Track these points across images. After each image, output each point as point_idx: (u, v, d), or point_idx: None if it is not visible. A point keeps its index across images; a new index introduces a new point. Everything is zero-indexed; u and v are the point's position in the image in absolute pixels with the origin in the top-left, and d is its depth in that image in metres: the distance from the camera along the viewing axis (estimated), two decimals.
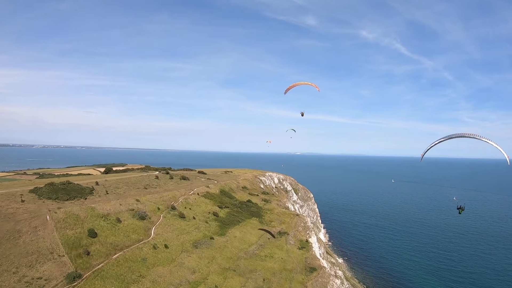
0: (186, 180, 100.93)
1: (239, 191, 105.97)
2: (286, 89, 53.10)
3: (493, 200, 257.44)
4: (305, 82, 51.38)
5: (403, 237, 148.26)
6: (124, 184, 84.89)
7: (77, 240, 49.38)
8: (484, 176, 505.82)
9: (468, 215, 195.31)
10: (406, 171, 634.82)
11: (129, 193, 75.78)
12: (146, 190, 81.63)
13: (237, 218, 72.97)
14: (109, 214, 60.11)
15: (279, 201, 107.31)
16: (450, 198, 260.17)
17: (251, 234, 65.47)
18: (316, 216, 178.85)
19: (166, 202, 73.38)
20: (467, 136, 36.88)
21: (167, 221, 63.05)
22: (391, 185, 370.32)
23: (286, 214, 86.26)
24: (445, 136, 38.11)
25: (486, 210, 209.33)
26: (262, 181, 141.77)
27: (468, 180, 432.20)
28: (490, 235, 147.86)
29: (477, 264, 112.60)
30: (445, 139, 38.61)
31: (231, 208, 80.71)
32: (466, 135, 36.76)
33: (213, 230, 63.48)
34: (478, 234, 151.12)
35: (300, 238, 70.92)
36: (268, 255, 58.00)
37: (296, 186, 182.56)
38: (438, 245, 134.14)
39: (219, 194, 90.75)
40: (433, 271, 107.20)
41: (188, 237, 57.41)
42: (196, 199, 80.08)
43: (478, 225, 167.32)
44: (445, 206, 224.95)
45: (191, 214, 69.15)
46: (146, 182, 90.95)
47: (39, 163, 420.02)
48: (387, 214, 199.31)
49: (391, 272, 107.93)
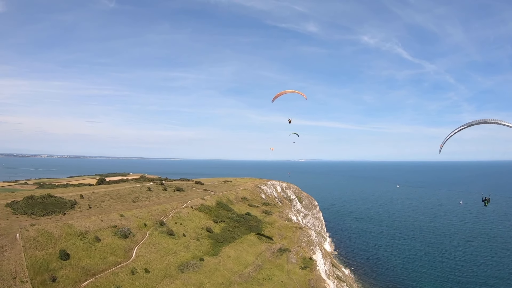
0: (181, 191, 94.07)
1: (238, 202, 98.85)
2: (274, 97, 54.02)
3: (502, 202, 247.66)
4: (292, 90, 52.57)
5: (410, 246, 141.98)
6: (112, 196, 78.26)
7: (45, 263, 42.81)
8: (490, 178, 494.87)
9: (477, 219, 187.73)
10: (411, 176, 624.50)
11: (115, 207, 69.01)
12: (135, 203, 74.84)
13: (233, 234, 65.77)
14: (88, 231, 53.39)
15: (281, 213, 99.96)
16: (456, 203, 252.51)
17: (248, 253, 58.19)
18: (321, 225, 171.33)
19: (155, 217, 66.49)
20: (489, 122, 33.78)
21: (153, 240, 56.09)
22: (396, 190, 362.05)
23: (288, 227, 78.96)
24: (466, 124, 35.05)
25: (496, 214, 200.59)
26: (264, 191, 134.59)
27: (473, 183, 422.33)
28: (502, 240, 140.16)
29: (489, 273, 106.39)
30: (465, 126, 35.41)
31: (228, 222, 73.55)
32: (488, 121, 33.65)
33: (205, 249, 56.32)
34: (488, 239, 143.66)
35: (303, 255, 63.59)
36: (267, 277, 50.69)
37: (300, 194, 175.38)
38: (447, 254, 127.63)
39: (215, 207, 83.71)
40: (444, 279, 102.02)
41: (174, 258, 50.34)
42: (189, 213, 73.10)
43: (488, 230, 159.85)
44: (452, 211, 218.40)
45: (181, 231, 62.13)
46: (136, 194, 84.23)
47: (42, 172, 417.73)
48: (393, 221, 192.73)
49: (401, 282, 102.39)
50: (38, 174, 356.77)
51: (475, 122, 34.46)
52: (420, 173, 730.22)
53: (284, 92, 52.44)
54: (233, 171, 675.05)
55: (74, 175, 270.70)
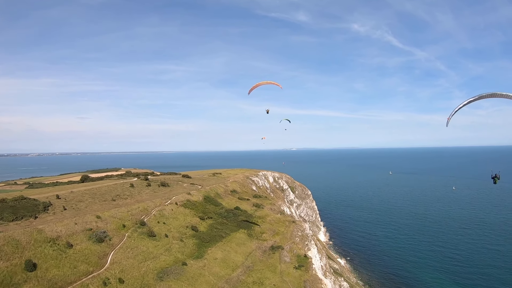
0: (166, 186, 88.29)
1: (227, 196, 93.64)
2: (250, 90, 54.27)
3: (496, 188, 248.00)
4: (268, 82, 52.85)
5: (406, 233, 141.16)
6: (90, 196, 72.21)
7: (8, 275, 37.17)
8: (483, 164, 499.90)
9: (471, 205, 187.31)
10: (403, 162, 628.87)
11: (92, 208, 63.06)
12: (114, 202, 68.91)
13: (221, 232, 60.60)
14: (59, 237, 47.58)
15: (273, 205, 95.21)
16: (449, 189, 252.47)
17: (237, 253, 53.13)
18: (315, 215, 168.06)
19: (135, 216, 60.83)
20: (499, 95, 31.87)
21: (131, 243, 50.59)
22: (389, 177, 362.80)
23: (280, 221, 74.19)
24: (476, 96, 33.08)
25: (490, 200, 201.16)
26: (255, 182, 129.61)
27: (466, 169, 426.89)
28: (497, 226, 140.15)
29: (485, 258, 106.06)
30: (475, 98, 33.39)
31: (215, 218, 68.34)
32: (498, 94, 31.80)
33: (189, 251, 51.04)
34: (483, 225, 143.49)
35: (297, 252, 58.91)
36: (258, 281, 45.82)
37: (293, 184, 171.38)
38: (442, 240, 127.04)
39: (202, 202, 78.33)
40: (440, 268, 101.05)
41: (153, 264, 45.00)
42: (174, 210, 67.61)
43: (482, 216, 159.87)
44: (446, 197, 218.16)
45: (163, 231, 56.70)
46: (117, 192, 78.23)
47: (33, 171, 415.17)
48: (387, 208, 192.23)
49: (396, 272, 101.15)
50: (29, 173, 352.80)
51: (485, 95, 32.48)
52: (413, 159, 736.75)
53: (260, 83, 52.49)
54: (225, 163, 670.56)
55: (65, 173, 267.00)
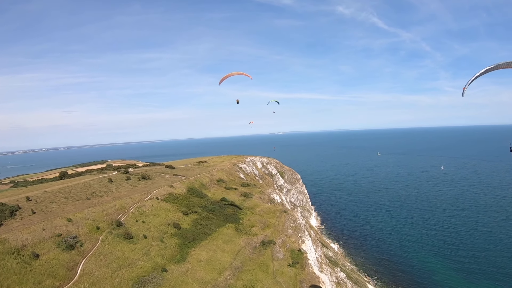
0: (147, 179, 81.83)
1: (213, 186, 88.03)
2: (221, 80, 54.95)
3: (485, 167, 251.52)
4: (238, 72, 53.66)
5: (397, 214, 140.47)
6: (64, 195, 64.87)
7: None
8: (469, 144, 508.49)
9: (460, 185, 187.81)
10: (390, 143, 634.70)
11: (63, 209, 56.28)
12: (89, 201, 62.16)
13: (206, 229, 55.16)
14: (25, 246, 41.15)
15: (262, 193, 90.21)
16: (438, 168, 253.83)
17: (224, 252, 47.94)
18: (305, 199, 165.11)
19: (111, 216, 54.64)
20: None
21: (105, 248, 44.66)
22: (377, 158, 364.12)
23: (271, 212, 69.29)
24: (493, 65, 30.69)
25: (479, 179, 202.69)
26: (242, 169, 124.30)
27: (453, 149, 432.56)
28: (488, 207, 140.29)
29: (476, 240, 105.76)
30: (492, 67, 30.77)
31: (200, 213, 62.79)
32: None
33: (170, 253, 45.51)
34: (474, 205, 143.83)
35: (290, 246, 54.24)
36: (248, 284, 40.85)
37: (282, 169, 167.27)
38: (433, 220, 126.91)
39: (186, 195, 72.51)
40: (432, 249, 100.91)
41: (129, 272, 39.37)
42: (154, 206, 61.64)
43: (473, 196, 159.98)
44: (435, 177, 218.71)
45: (142, 231, 50.88)
46: (93, 188, 71.13)
47: (19, 169, 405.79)
48: (377, 189, 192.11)
49: (390, 257, 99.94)
50: (15, 171, 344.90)
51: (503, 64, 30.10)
52: (400, 140, 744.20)
53: (230, 74, 53.47)
54: (213, 149, 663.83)
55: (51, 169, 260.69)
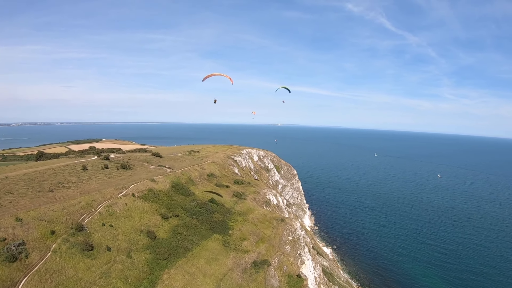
0: (126, 169, 71.24)
1: (202, 181, 77.81)
2: (204, 78, 55.87)
3: (484, 180, 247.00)
4: (221, 74, 55.87)
5: (392, 222, 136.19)
6: (25, 183, 53.92)
7: None
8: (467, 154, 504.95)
9: (458, 195, 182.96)
10: (388, 145, 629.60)
11: (18, 204, 45.61)
12: (51, 194, 51.32)
13: (187, 241, 45.05)
14: None
15: (257, 194, 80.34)
16: (434, 176, 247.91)
17: (206, 277, 37.96)
18: (300, 196, 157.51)
19: (73, 216, 44.27)
20: None
21: (55, 262, 34.45)
22: (374, 159, 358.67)
23: (266, 220, 59.44)
24: None
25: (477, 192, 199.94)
26: (237, 163, 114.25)
27: (451, 157, 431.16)
28: (486, 221, 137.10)
29: (473, 253, 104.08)
30: None
31: (182, 217, 52.62)
32: None
33: (136, 275, 35.41)
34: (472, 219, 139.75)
35: (288, 270, 44.63)
36: None
37: (279, 163, 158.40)
38: (430, 232, 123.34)
39: (169, 192, 62.26)
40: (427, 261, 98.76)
41: None
42: (128, 205, 51.35)
43: (471, 209, 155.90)
44: (432, 185, 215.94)
45: (107, 239, 40.71)
46: (62, 177, 60.17)
47: (13, 142, 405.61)
48: (372, 193, 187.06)
49: (385, 266, 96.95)
50: (9, 144, 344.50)
51: None
52: (397, 143, 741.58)
53: (213, 74, 55.52)
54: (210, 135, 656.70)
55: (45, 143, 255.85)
